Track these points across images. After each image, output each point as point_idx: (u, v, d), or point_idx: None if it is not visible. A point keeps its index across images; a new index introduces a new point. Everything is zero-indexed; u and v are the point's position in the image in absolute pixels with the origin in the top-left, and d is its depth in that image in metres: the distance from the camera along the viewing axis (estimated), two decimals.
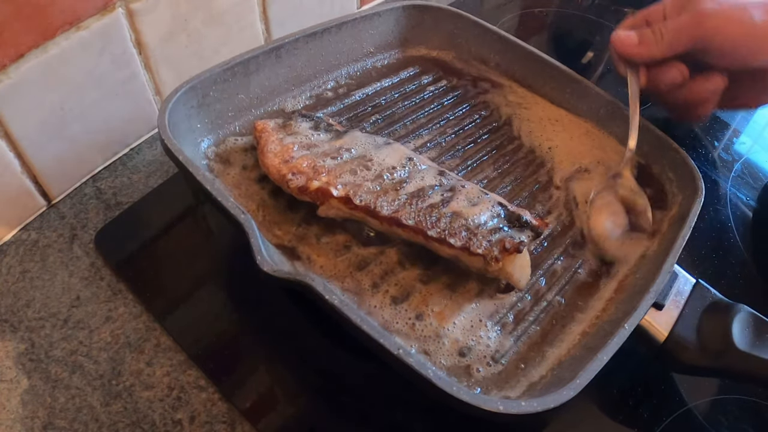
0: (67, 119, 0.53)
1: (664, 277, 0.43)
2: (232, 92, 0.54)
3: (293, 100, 0.60)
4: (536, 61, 0.63)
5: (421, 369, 0.34)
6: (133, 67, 0.56)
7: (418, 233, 0.44)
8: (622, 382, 0.48)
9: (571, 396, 0.36)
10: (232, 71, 0.53)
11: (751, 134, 0.70)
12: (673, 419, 0.46)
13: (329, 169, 0.47)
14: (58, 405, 0.45)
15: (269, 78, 0.57)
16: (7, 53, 0.46)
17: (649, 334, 0.44)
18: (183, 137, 0.49)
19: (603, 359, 0.38)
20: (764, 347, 0.42)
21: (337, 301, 0.36)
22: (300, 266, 0.46)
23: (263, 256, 0.38)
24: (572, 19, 0.85)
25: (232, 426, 0.44)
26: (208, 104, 0.53)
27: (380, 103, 0.62)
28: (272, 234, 0.48)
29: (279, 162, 0.47)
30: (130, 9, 0.53)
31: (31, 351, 0.47)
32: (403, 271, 0.47)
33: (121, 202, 0.57)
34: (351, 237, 0.48)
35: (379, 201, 0.45)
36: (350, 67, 0.64)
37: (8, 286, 0.51)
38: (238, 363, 0.47)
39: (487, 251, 0.43)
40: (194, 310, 0.50)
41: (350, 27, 0.61)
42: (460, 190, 0.47)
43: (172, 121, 0.47)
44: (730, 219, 0.60)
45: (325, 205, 0.46)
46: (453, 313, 0.45)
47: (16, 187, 0.52)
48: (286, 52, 0.57)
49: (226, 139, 0.54)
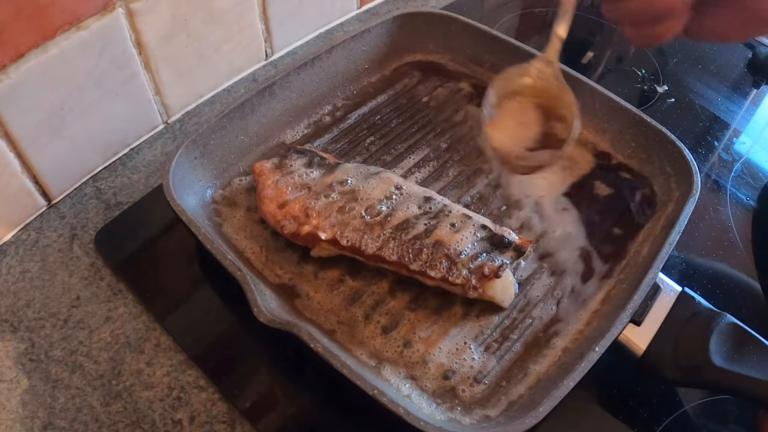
0: (67, 119, 0.53)
1: (642, 294, 0.44)
2: (232, 136, 0.55)
3: (292, 132, 0.60)
4: (529, 58, 0.62)
5: (392, 407, 0.38)
6: (133, 67, 0.56)
7: (402, 267, 0.47)
8: (621, 382, 0.47)
9: (532, 424, 0.37)
10: (228, 117, 0.54)
11: (751, 134, 0.70)
12: (673, 420, 0.46)
13: (319, 210, 0.49)
14: (58, 405, 0.45)
15: (266, 115, 0.58)
16: (7, 53, 0.46)
17: (627, 349, 0.44)
18: (190, 188, 0.52)
19: (569, 385, 0.39)
20: (742, 361, 0.42)
21: (321, 348, 0.40)
22: (299, 303, 0.48)
23: (260, 308, 0.41)
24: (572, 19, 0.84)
25: (232, 426, 0.44)
26: (210, 152, 0.54)
27: (376, 123, 0.62)
28: (274, 273, 0.50)
29: (274, 208, 0.50)
30: (130, 9, 0.53)
31: (31, 351, 0.47)
32: (393, 300, 0.49)
33: (121, 202, 0.57)
34: (344, 272, 0.50)
35: (365, 239, 0.47)
36: (346, 88, 0.64)
37: (8, 286, 0.51)
38: (238, 363, 0.47)
39: (465, 280, 0.46)
40: (194, 310, 0.50)
41: (341, 48, 0.61)
42: (445, 216, 0.49)
43: (178, 177, 0.49)
44: (730, 219, 0.60)
45: (317, 247, 0.49)
46: (439, 338, 0.47)
47: (16, 187, 0.52)
48: (279, 88, 0.58)
49: (232, 180, 0.55)
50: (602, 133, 0.60)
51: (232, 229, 0.52)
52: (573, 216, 0.55)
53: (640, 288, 0.44)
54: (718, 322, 0.43)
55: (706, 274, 0.55)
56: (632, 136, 0.58)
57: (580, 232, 0.54)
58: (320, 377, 0.46)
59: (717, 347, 0.42)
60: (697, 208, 0.61)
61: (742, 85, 0.76)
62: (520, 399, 0.43)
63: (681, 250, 0.57)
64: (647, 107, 0.71)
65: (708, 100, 0.73)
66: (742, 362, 0.42)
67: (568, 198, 0.56)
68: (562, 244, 0.53)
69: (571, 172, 0.58)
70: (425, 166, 0.59)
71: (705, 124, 0.70)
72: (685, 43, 0.81)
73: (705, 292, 0.53)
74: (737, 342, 0.43)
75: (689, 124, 0.69)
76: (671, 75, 0.75)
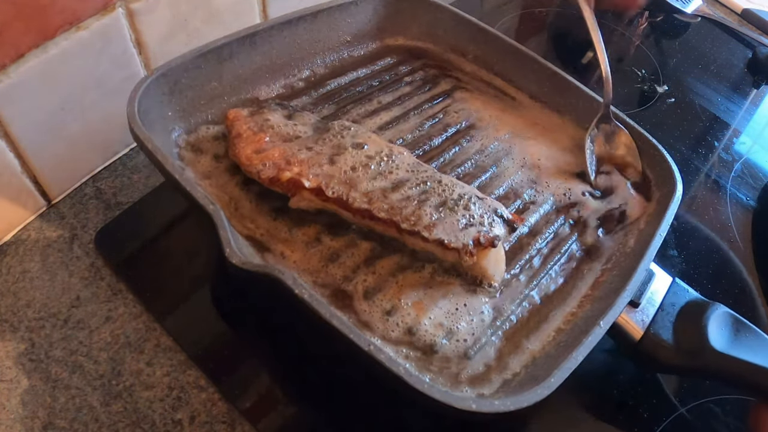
0: (67, 119, 0.53)
1: (641, 275, 0.43)
2: (205, 80, 0.53)
3: (267, 89, 0.58)
4: (514, 53, 0.62)
5: (391, 365, 0.33)
6: (133, 67, 0.56)
7: (391, 226, 0.44)
8: (621, 382, 0.48)
9: (545, 395, 0.35)
10: (204, 58, 0.52)
11: (751, 134, 0.70)
12: (673, 420, 0.46)
13: (302, 160, 0.45)
14: (58, 405, 0.45)
15: (243, 66, 0.56)
16: (7, 53, 0.46)
17: (624, 332, 0.44)
18: (154, 125, 0.47)
19: (578, 358, 0.37)
20: (740, 347, 0.42)
21: (307, 295, 0.35)
22: (271, 259, 0.45)
23: (232, 248, 0.37)
24: (572, 19, 0.85)
25: (232, 426, 0.44)
26: (179, 91, 0.51)
27: (356, 93, 0.61)
28: (243, 226, 0.46)
29: (250, 152, 0.46)
30: (130, 9, 0.53)
31: (31, 351, 0.47)
32: (376, 264, 0.46)
33: (121, 202, 0.57)
34: (322, 230, 0.47)
35: (352, 193, 0.44)
36: (326, 56, 0.62)
37: (8, 286, 0.51)
38: (238, 363, 0.47)
39: (462, 246, 0.43)
40: (194, 310, 0.50)
41: (326, 15, 0.60)
42: (436, 183, 0.46)
43: (143, 109, 0.45)
44: (730, 219, 0.60)
45: (297, 196, 0.45)
46: (425, 308, 0.44)
47: (16, 187, 0.52)
48: (261, 40, 0.56)
49: (198, 127, 0.53)
50: (584, 132, 0.60)
51: (196, 175, 0.49)
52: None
53: (638, 269, 0.43)
54: (713, 310, 0.44)
55: (706, 274, 0.55)
56: None
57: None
58: (320, 377, 0.47)
59: (716, 332, 0.42)
60: (697, 207, 0.61)
61: (742, 85, 0.76)
62: (515, 377, 0.42)
63: (681, 250, 0.57)
64: (647, 107, 0.71)
65: (708, 100, 0.73)
66: (740, 348, 0.42)
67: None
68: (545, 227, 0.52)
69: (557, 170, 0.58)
70: (408, 142, 0.57)
71: (705, 124, 0.70)
72: (685, 43, 0.81)
73: (705, 291, 0.54)
74: (734, 330, 0.43)
75: (689, 124, 0.69)
76: (671, 75, 0.75)
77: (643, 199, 0.54)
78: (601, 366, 0.49)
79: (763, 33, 0.83)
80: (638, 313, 0.44)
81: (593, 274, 0.49)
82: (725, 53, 0.80)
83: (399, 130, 0.58)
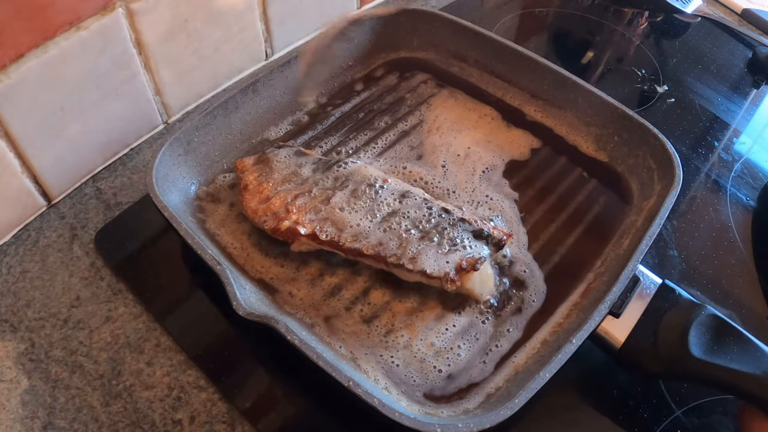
0: (67, 119, 0.53)
1: (621, 287, 0.44)
2: (216, 134, 0.56)
3: (275, 129, 0.60)
4: (511, 54, 0.63)
5: (367, 398, 0.38)
6: (133, 67, 0.56)
7: (380, 261, 0.47)
8: (621, 382, 0.48)
9: (507, 415, 0.37)
10: (212, 115, 0.54)
11: (751, 134, 0.70)
12: (673, 420, 0.46)
13: (299, 205, 0.50)
14: (58, 405, 0.45)
15: (249, 113, 0.58)
16: (7, 53, 0.46)
17: (605, 341, 0.44)
18: (174, 184, 0.52)
19: (545, 376, 0.39)
20: (721, 352, 0.42)
21: (297, 341, 0.40)
22: (280, 298, 0.48)
23: (239, 301, 0.42)
24: (572, 19, 0.85)
25: (232, 426, 0.44)
26: (193, 150, 0.54)
27: (358, 120, 0.62)
28: (255, 269, 0.50)
29: (255, 203, 0.50)
30: (130, 9, 0.53)
31: (31, 351, 0.47)
32: (373, 294, 0.49)
33: (121, 202, 0.57)
34: (324, 267, 0.50)
35: (343, 234, 0.48)
36: (329, 85, 0.64)
37: (8, 286, 0.51)
38: (238, 363, 0.47)
39: (443, 274, 0.46)
40: (194, 310, 0.50)
41: (325, 47, 0.61)
42: (424, 211, 0.49)
43: (162, 174, 0.49)
44: (730, 219, 0.60)
45: (297, 242, 0.49)
46: (418, 330, 0.47)
47: (16, 187, 0.52)
48: (263, 86, 0.58)
49: (216, 177, 0.56)
50: (586, 127, 0.60)
51: (214, 224, 0.52)
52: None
53: (619, 280, 0.44)
54: (698, 313, 0.43)
55: (706, 274, 0.55)
56: (615, 130, 0.58)
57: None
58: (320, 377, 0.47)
59: (696, 339, 0.42)
60: (697, 207, 0.61)
61: (742, 85, 0.76)
62: (497, 391, 0.43)
63: (681, 250, 0.57)
64: (647, 107, 0.71)
65: (708, 100, 0.73)
66: (722, 354, 0.42)
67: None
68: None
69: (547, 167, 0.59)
70: (409, 160, 0.58)
71: (705, 124, 0.70)
72: (685, 43, 0.81)
73: (705, 292, 0.54)
74: (717, 333, 0.43)
75: (689, 124, 0.69)
76: (671, 75, 0.75)
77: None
78: (601, 366, 0.49)
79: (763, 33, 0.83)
80: (620, 321, 0.44)
81: (586, 280, 0.50)
82: (725, 53, 0.80)
83: (398, 152, 0.59)
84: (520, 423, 0.45)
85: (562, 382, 0.40)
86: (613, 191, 0.57)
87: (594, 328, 0.42)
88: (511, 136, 0.61)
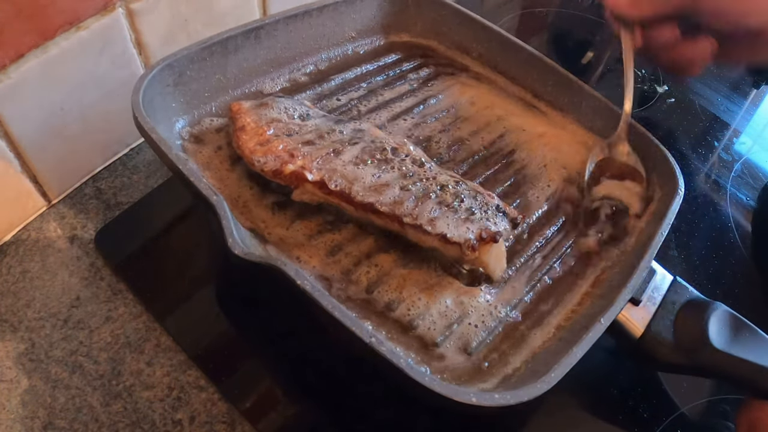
0: (67, 119, 0.53)
1: (642, 273, 0.43)
2: (210, 72, 0.53)
3: (271, 83, 0.58)
4: (518, 51, 0.62)
5: (393, 358, 0.33)
6: (133, 67, 0.56)
7: (394, 220, 0.44)
8: (621, 382, 0.48)
9: (545, 390, 0.35)
10: (209, 50, 0.52)
11: (751, 134, 0.70)
12: (673, 420, 0.46)
13: (305, 153, 0.46)
14: (58, 405, 0.45)
15: (247, 59, 0.56)
16: (7, 53, 0.46)
17: (625, 330, 0.44)
18: (158, 116, 0.48)
19: (578, 354, 0.37)
20: (740, 346, 0.42)
21: (309, 286, 0.35)
22: (273, 251, 0.45)
23: (234, 238, 0.37)
24: (572, 19, 0.85)
25: (232, 426, 0.44)
26: (184, 83, 0.51)
27: (359, 88, 0.61)
28: (245, 218, 0.46)
29: (254, 144, 0.46)
30: (130, 9, 0.53)
31: (31, 351, 0.47)
32: (377, 258, 0.46)
33: (121, 202, 0.57)
34: (323, 223, 0.47)
35: (355, 186, 0.44)
36: (330, 52, 0.63)
37: (8, 286, 0.51)
38: (238, 363, 0.47)
39: (464, 240, 0.43)
40: (194, 310, 0.50)
41: (331, 10, 0.60)
42: (439, 179, 0.46)
43: (147, 99, 0.46)
44: (730, 219, 0.60)
45: (300, 189, 0.45)
46: (427, 303, 0.44)
47: (16, 187, 0.52)
48: (266, 34, 0.56)
49: (202, 119, 0.53)
50: (588, 131, 0.60)
51: (198, 166, 0.49)
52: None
53: (640, 267, 0.43)
54: (714, 309, 0.44)
55: (706, 274, 0.55)
56: None
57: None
58: (320, 377, 0.47)
59: (716, 331, 0.42)
60: (698, 207, 0.61)
61: (742, 85, 0.76)
62: (516, 372, 0.42)
63: (681, 250, 0.57)
64: (647, 107, 0.71)
65: (708, 100, 0.73)
66: (740, 348, 0.42)
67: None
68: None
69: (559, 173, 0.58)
70: (409, 138, 0.57)
71: (705, 124, 0.70)
72: None
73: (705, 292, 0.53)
74: (734, 329, 0.43)
75: (689, 124, 0.69)
76: (671, 75, 0.75)
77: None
78: (601, 366, 0.49)
79: None
80: (639, 310, 0.44)
81: (594, 272, 0.49)
82: None
83: (402, 126, 0.58)
84: (520, 422, 0.45)
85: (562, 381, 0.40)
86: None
87: (620, 310, 0.41)
88: None
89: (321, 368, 0.47)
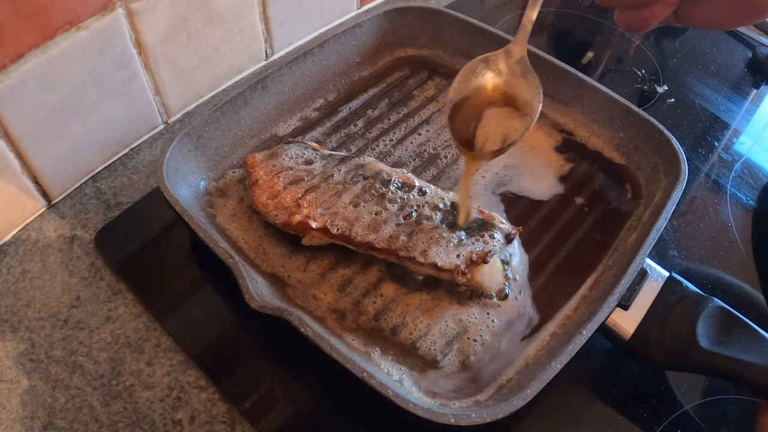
0: (67, 119, 0.53)
1: (629, 279, 0.44)
2: (225, 129, 0.56)
3: (284, 125, 0.61)
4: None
5: (381, 389, 0.38)
6: (133, 67, 0.56)
7: (391, 254, 0.48)
8: (621, 382, 0.48)
9: (520, 405, 0.37)
10: (221, 111, 0.55)
11: (751, 134, 0.70)
12: (673, 420, 0.46)
13: (310, 200, 0.50)
14: (58, 405, 0.45)
15: (258, 108, 0.58)
16: (7, 53, 0.46)
17: (615, 332, 0.45)
18: (184, 179, 0.52)
19: (556, 367, 0.39)
20: (729, 344, 0.42)
21: (311, 332, 0.40)
22: (290, 291, 0.49)
23: (251, 294, 0.41)
24: (572, 19, 0.85)
25: (232, 426, 0.44)
26: (203, 145, 0.54)
27: (367, 116, 0.62)
28: (266, 262, 0.50)
29: (266, 198, 0.51)
30: (130, 9, 0.53)
31: (31, 351, 0.47)
32: (383, 288, 0.49)
33: (121, 202, 0.57)
34: (335, 260, 0.51)
35: (355, 227, 0.48)
36: (337, 82, 0.64)
37: (8, 286, 0.51)
38: (238, 363, 0.47)
39: (454, 266, 0.46)
40: (194, 310, 0.50)
41: (333, 43, 0.62)
42: (434, 203, 0.50)
43: (172, 169, 0.50)
44: (730, 219, 0.60)
45: (308, 236, 0.50)
46: (429, 324, 0.47)
47: (16, 187, 0.52)
48: (272, 81, 0.58)
49: (225, 173, 0.56)
50: (591, 124, 0.61)
51: (224, 219, 0.53)
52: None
53: (627, 273, 0.44)
54: (706, 305, 0.44)
55: (705, 274, 0.55)
56: (621, 126, 0.59)
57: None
58: (320, 377, 0.47)
59: (704, 330, 0.43)
60: (697, 207, 0.61)
61: (742, 85, 0.76)
62: (508, 383, 0.44)
63: (681, 250, 0.57)
64: (647, 107, 0.71)
65: (708, 100, 0.73)
66: (730, 345, 0.42)
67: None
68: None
69: (557, 165, 0.59)
70: (418, 157, 0.59)
71: (705, 124, 0.70)
72: (685, 43, 0.81)
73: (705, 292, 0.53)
74: (725, 325, 0.43)
75: (689, 124, 0.69)
76: (671, 75, 0.75)
77: None
78: (601, 366, 0.49)
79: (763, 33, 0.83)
80: (629, 313, 0.44)
81: (595, 272, 0.50)
82: (725, 53, 0.80)
83: (410, 149, 0.60)
84: (521, 423, 0.45)
85: (563, 381, 0.40)
86: (621, 186, 0.57)
87: (603, 320, 0.42)
88: None
89: (321, 368, 0.47)
